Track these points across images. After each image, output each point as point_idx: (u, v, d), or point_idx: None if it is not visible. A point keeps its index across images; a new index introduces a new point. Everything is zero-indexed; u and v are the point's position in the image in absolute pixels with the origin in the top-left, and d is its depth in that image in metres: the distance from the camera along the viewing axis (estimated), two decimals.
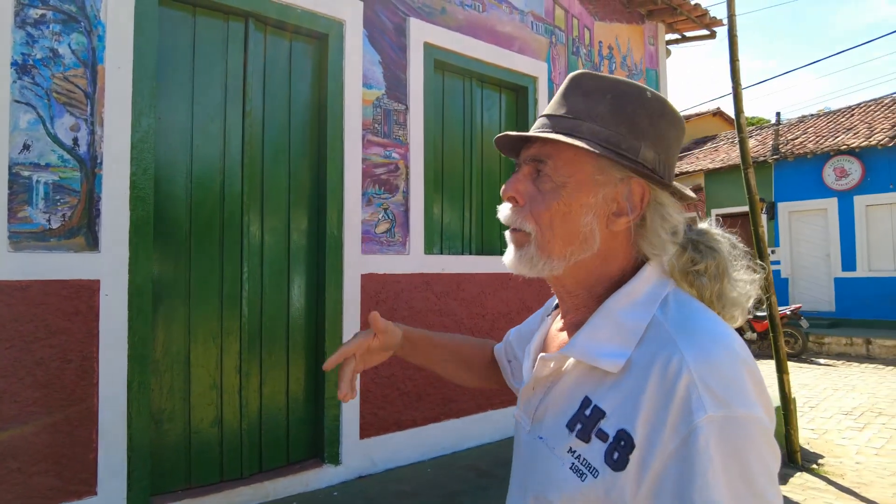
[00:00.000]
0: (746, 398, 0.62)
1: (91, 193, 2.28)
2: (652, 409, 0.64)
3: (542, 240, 0.76)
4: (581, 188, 0.74)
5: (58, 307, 2.20)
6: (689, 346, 0.65)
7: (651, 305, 0.73)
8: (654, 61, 5.07)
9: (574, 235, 0.75)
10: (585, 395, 0.72)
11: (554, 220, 0.75)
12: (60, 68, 2.24)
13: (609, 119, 0.75)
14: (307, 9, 2.86)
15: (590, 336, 0.74)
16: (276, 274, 2.82)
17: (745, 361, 0.65)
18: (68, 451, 2.21)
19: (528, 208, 0.77)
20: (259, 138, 2.78)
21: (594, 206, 0.75)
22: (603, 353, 0.71)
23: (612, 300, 0.75)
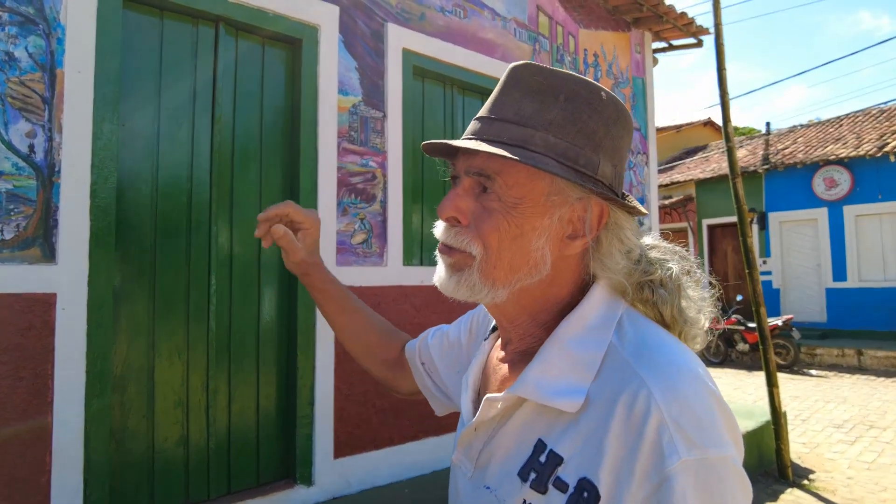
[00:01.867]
0: (720, 437, 0.56)
1: (48, 203, 2.18)
2: (618, 453, 0.56)
3: (486, 265, 0.68)
4: (534, 209, 0.66)
5: (10, 322, 2.09)
6: (655, 379, 0.58)
7: (606, 330, 0.66)
8: (640, 69, 5.03)
9: (523, 261, 0.67)
10: (538, 437, 0.64)
11: (502, 244, 0.67)
12: (16, 72, 2.15)
13: (564, 127, 0.65)
14: (280, 13, 2.78)
15: (542, 371, 0.66)
16: (246, 286, 2.72)
17: (714, 392, 0.59)
18: (19, 473, 2.09)
19: (474, 228, 0.68)
20: (229, 146, 2.69)
21: (547, 229, 0.67)
22: (558, 392, 0.63)
23: (563, 328, 0.67)
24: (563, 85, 0.67)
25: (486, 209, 0.68)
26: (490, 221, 0.67)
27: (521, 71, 0.69)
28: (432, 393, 1.01)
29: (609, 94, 0.69)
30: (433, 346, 1.00)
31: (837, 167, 11.02)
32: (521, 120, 0.66)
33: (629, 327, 0.66)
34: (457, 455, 0.77)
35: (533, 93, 0.67)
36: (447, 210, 0.70)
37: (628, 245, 0.70)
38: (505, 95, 0.68)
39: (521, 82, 0.68)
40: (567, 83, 0.67)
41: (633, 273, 0.71)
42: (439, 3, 3.47)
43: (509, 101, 0.67)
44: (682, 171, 14.33)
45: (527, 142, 0.65)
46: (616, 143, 0.69)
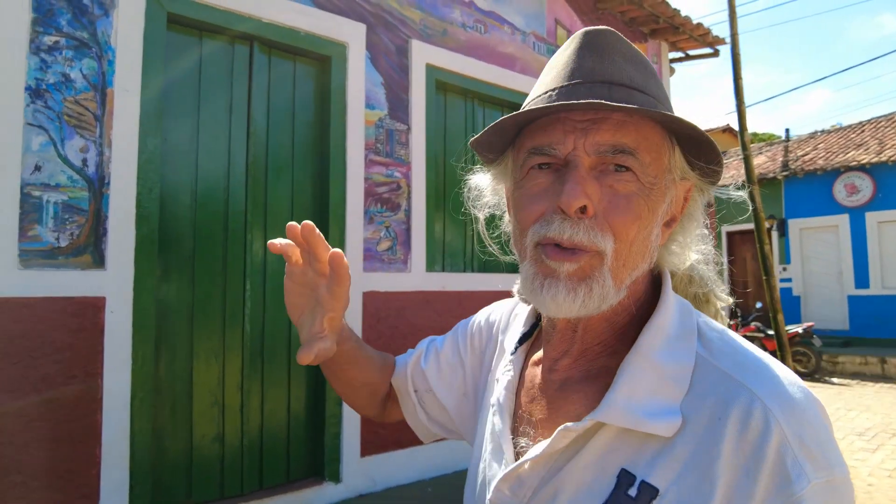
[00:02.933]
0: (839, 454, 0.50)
1: (98, 213, 2.34)
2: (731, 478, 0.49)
3: (617, 263, 0.56)
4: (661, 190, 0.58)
5: (64, 324, 2.25)
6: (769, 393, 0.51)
7: (688, 340, 0.57)
8: None
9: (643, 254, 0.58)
10: (622, 467, 0.54)
11: (639, 235, 0.57)
12: (72, 92, 2.32)
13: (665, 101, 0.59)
14: (311, 32, 2.93)
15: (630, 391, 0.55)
16: (279, 292, 2.86)
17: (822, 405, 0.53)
18: (71, 466, 2.24)
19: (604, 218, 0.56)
20: (263, 158, 2.84)
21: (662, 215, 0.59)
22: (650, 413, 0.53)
23: (645, 340, 0.57)
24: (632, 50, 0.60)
25: (621, 194, 0.56)
26: (629, 208, 0.56)
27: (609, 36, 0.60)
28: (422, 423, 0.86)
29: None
30: (429, 371, 0.85)
31: (859, 173, 10.93)
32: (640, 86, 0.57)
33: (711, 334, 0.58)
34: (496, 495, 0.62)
35: (631, 60, 0.59)
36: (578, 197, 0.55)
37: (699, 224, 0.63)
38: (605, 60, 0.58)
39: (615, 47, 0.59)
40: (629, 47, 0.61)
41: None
42: (461, 20, 3.60)
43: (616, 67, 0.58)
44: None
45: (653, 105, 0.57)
46: None
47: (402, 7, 3.31)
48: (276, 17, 2.81)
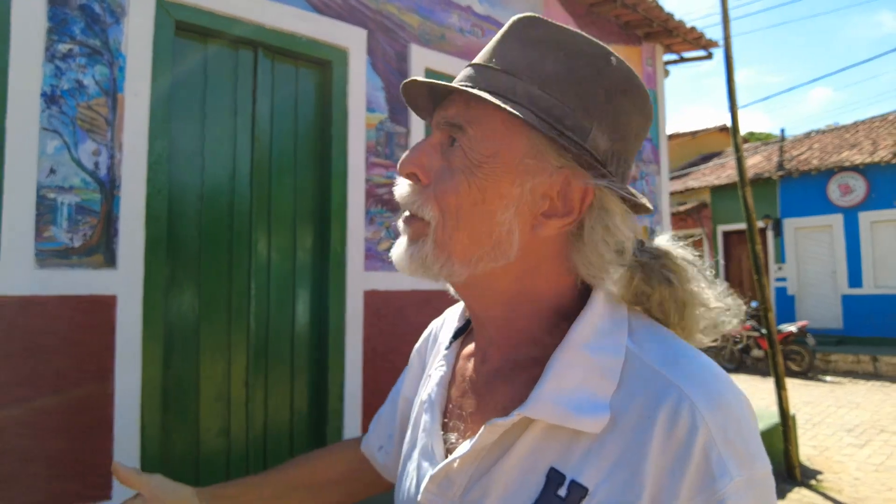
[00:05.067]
0: (762, 451, 0.52)
1: (110, 214, 2.43)
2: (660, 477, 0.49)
3: (442, 233, 0.58)
4: (505, 172, 0.56)
5: (77, 321, 2.34)
6: (697, 391, 0.51)
7: (620, 335, 0.57)
8: (652, 81, 5.21)
9: (485, 234, 0.57)
10: (551, 466, 0.54)
11: (462, 209, 0.57)
12: (85, 98, 2.40)
13: (555, 83, 0.56)
14: (312, 38, 3.02)
15: (558, 384, 0.55)
16: (283, 290, 2.96)
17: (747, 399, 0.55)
18: (86, 457, 2.33)
19: (433, 189, 0.59)
20: (267, 160, 2.93)
21: (517, 200, 0.57)
22: (577, 408, 0.53)
23: (575, 332, 0.57)
24: (568, 40, 0.58)
25: (450, 167, 0.58)
26: (450, 181, 0.57)
27: (524, 20, 0.60)
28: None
29: (623, 63, 0.60)
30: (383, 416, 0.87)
31: (853, 173, 11.05)
32: (511, 69, 0.57)
33: (641, 331, 0.59)
34: (425, 496, 0.61)
35: (532, 44, 0.58)
36: (407, 165, 0.60)
37: (618, 237, 0.59)
38: (502, 44, 0.59)
39: (522, 32, 0.59)
40: (573, 39, 0.59)
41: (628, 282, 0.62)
42: (458, 24, 3.69)
43: (504, 50, 0.59)
44: (697, 178, 14.40)
45: (507, 90, 0.56)
46: (619, 117, 0.58)
47: (402, 12, 3.40)
48: (278, 23, 2.90)
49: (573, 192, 0.58)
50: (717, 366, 0.56)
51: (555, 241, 0.60)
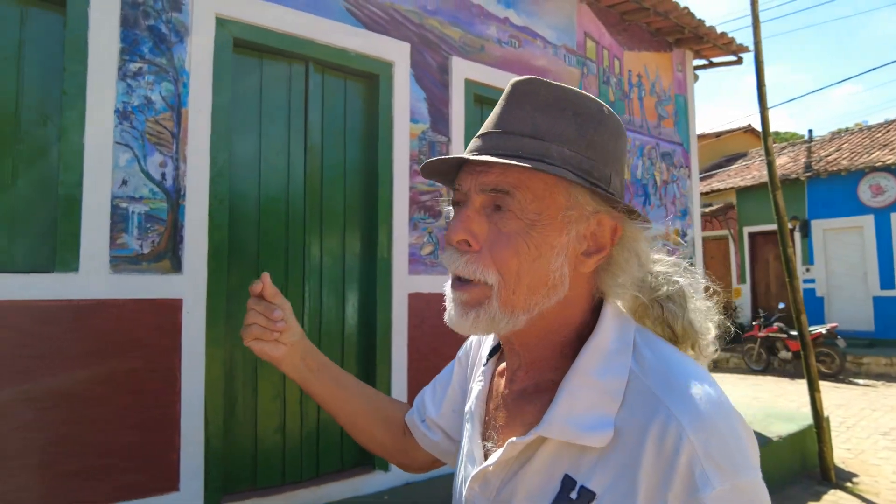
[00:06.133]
0: (747, 462, 0.58)
1: (175, 222, 2.58)
2: (651, 487, 0.57)
3: (506, 292, 0.65)
4: (553, 226, 0.64)
5: (147, 323, 2.49)
6: (684, 411, 0.58)
7: (624, 356, 0.65)
8: (682, 87, 5.26)
9: (541, 283, 0.65)
10: (565, 473, 0.63)
11: (522, 268, 0.64)
12: (152, 113, 2.56)
13: (576, 141, 0.64)
14: (360, 52, 3.15)
15: (569, 408, 0.63)
16: (333, 293, 3.09)
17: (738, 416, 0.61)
18: (155, 452, 2.48)
19: (489, 253, 0.65)
20: (318, 170, 3.06)
21: (565, 247, 0.65)
22: (587, 427, 0.62)
23: (584, 358, 0.65)
24: (571, 100, 0.66)
25: (502, 231, 0.64)
26: (508, 244, 0.64)
27: (528, 85, 0.67)
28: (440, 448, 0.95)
29: (609, 108, 0.69)
30: (427, 395, 0.97)
31: (884, 174, 10.90)
32: (538, 133, 0.64)
33: (645, 350, 0.65)
34: (470, 492, 0.73)
35: (544, 107, 0.65)
36: (457, 233, 0.66)
37: (643, 258, 0.69)
38: (516, 109, 0.66)
39: (531, 97, 0.66)
40: (574, 98, 0.67)
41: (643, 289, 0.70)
42: (496, 36, 3.80)
43: (521, 116, 0.65)
44: (722, 179, 14.31)
45: (545, 155, 0.63)
46: (620, 157, 0.69)
47: (443, 26, 3.52)
48: (329, 39, 3.03)
49: (604, 230, 0.67)
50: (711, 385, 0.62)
51: (591, 273, 0.69)
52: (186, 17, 2.66)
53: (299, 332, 0.92)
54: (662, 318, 0.71)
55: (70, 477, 2.29)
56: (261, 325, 0.87)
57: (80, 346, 2.34)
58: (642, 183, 4.80)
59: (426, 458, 0.98)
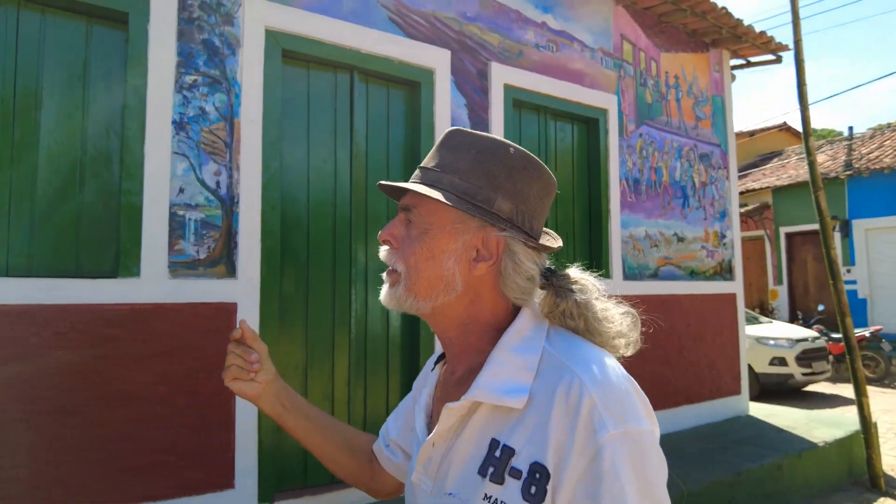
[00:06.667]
0: (638, 414, 0.69)
1: (230, 228, 2.67)
2: (559, 435, 0.68)
3: (409, 280, 0.82)
4: (442, 235, 0.81)
5: (203, 326, 2.58)
6: (585, 371, 0.71)
7: (539, 340, 0.79)
8: (719, 87, 5.20)
9: (437, 278, 0.81)
10: (492, 437, 0.75)
11: (419, 263, 0.81)
12: (207, 123, 2.66)
13: (469, 172, 0.80)
14: (403, 60, 3.21)
15: (491, 376, 0.76)
16: (378, 296, 3.15)
17: (631, 381, 0.74)
18: (211, 450, 2.57)
19: (401, 251, 0.83)
20: (363, 176, 3.13)
21: (455, 252, 0.80)
22: (506, 391, 0.74)
23: (505, 339, 0.80)
24: (477, 141, 0.83)
25: (409, 235, 0.83)
26: (410, 245, 0.82)
27: (450, 133, 0.86)
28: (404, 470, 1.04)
29: (519, 150, 0.83)
30: (390, 422, 1.09)
31: None
32: (439, 167, 0.83)
33: (556, 337, 0.80)
34: (416, 475, 0.84)
35: (453, 148, 0.83)
36: (383, 235, 0.86)
37: (524, 269, 0.81)
38: (436, 151, 0.86)
39: (448, 141, 0.85)
40: (480, 140, 0.83)
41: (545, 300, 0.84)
42: (534, 41, 3.83)
43: (436, 155, 0.85)
44: (757, 179, 14.04)
45: (437, 182, 0.81)
46: (519, 187, 0.81)
47: (483, 32, 3.56)
48: (373, 48, 3.10)
49: (491, 242, 0.81)
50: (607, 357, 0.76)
51: (487, 277, 0.82)
52: (238, 30, 2.75)
53: (273, 372, 1.04)
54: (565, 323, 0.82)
55: (134, 472, 2.39)
56: (238, 366, 1.00)
57: (142, 348, 2.44)
58: (681, 185, 4.76)
59: (392, 483, 1.08)
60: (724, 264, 5.07)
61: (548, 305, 0.83)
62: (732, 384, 4.98)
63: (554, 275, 0.85)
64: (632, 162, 4.38)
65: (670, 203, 4.66)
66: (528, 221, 0.82)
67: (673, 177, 4.70)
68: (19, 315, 2.23)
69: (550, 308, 0.83)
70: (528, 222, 0.82)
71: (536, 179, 0.83)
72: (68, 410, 2.30)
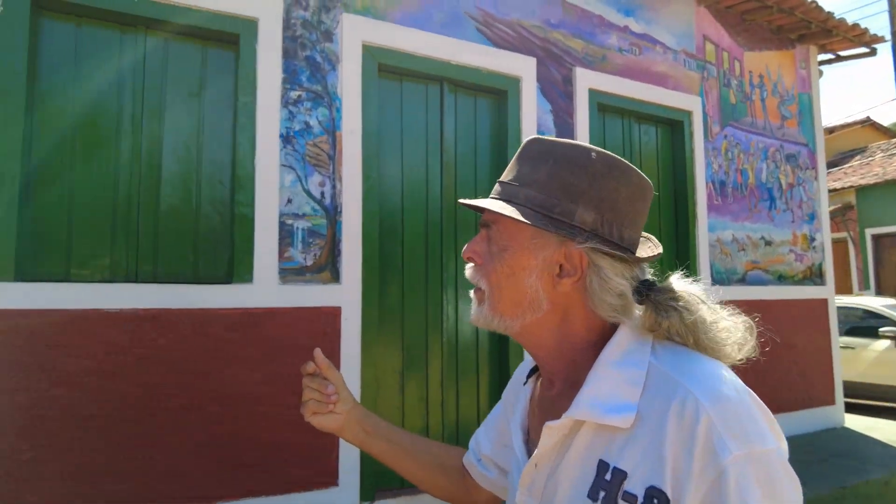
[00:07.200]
0: (763, 434, 0.63)
1: (334, 236, 2.79)
2: (676, 457, 0.63)
3: (493, 299, 0.79)
4: (521, 251, 0.77)
5: (310, 329, 2.71)
6: (699, 388, 0.65)
7: (643, 354, 0.73)
8: (805, 85, 5.01)
9: (521, 296, 0.77)
10: (599, 458, 0.70)
11: (501, 281, 0.78)
12: (311, 136, 2.79)
13: (546, 183, 0.76)
14: (490, 69, 3.27)
15: (593, 393, 0.72)
16: (468, 303, 3.20)
17: (752, 396, 0.67)
18: (317, 449, 2.68)
19: (484, 268, 0.81)
20: (453, 183, 3.21)
21: (535, 269, 0.76)
22: (611, 409, 0.69)
23: (604, 354, 0.75)
24: (554, 150, 0.78)
25: (490, 252, 0.80)
26: (491, 262, 0.79)
27: (528, 143, 0.82)
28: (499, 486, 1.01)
29: (602, 154, 0.77)
30: (480, 434, 1.05)
31: None
32: (516, 180, 0.79)
33: (662, 350, 0.74)
34: (520, 498, 0.80)
35: (530, 159, 0.79)
36: (466, 252, 0.84)
37: (611, 285, 0.75)
38: (515, 163, 0.82)
39: (526, 151, 0.81)
40: (558, 148, 0.78)
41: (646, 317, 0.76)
42: (617, 45, 3.81)
43: (515, 168, 0.81)
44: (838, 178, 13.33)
45: (513, 196, 0.77)
46: (603, 194, 0.75)
47: (567, 39, 3.58)
48: (462, 59, 3.18)
49: (574, 257, 0.76)
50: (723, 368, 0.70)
51: (574, 294, 0.77)
52: (337, 46, 2.88)
53: (352, 400, 1.04)
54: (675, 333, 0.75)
55: (247, 468, 2.53)
56: (316, 400, 1.01)
57: (253, 350, 2.58)
58: (767, 187, 4.61)
59: (488, 497, 1.05)
60: (815, 268, 4.86)
61: (649, 322, 0.75)
62: (826, 394, 4.76)
63: (653, 289, 0.77)
64: (717, 164, 4.28)
65: (757, 205, 4.51)
66: (616, 231, 0.76)
67: (759, 179, 4.55)
68: (151, 318, 2.41)
69: (652, 325, 0.75)
70: (616, 231, 0.76)
71: (624, 184, 0.77)
72: (189, 407, 2.46)
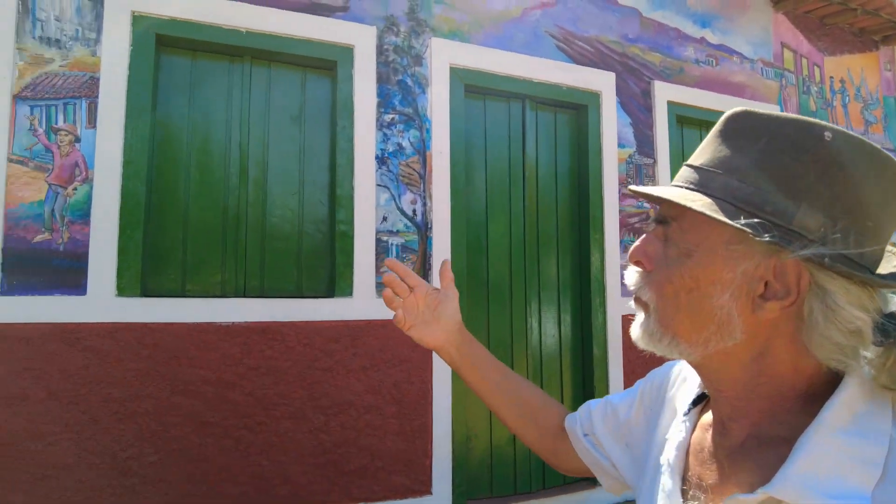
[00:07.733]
0: None
1: (425, 252, 2.91)
2: None
3: (662, 313, 0.62)
4: (711, 259, 0.58)
5: (405, 341, 2.81)
6: None
7: (882, 422, 0.53)
8: (891, 87, 4.85)
9: (706, 318, 0.58)
10: None
11: (679, 295, 0.60)
12: (404, 157, 2.92)
13: (754, 171, 0.56)
14: (571, 85, 3.34)
15: (810, 468, 0.52)
16: (551, 314, 3.26)
17: None
18: (412, 457, 2.79)
19: (654, 275, 0.63)
20: (534, 198, 3.28)
21: (730, 284, 0.57)
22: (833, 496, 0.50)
23: (828, 414, 0.53)
24: (769, 126, 0.57)
25: (666, 256, 0.61)
26: (666, 269, 0.61)
27: (732, 116, 0.61)
28: (602, 466, 0.87)
29: (843, 135, 0.55)
30: (595, 414, 0.89)
31: None
32: (711, 164, 0.59)
33: None
34: None
35: (733, 137, 0.59)
36: (635, 254, 0.65)
37: (843, 317, 0.53)
38: (708, 143, 0.62)
39: (728, 127, 0.60)
40: (774, 124, 0.57)
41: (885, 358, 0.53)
42: (694, 56, 3.81)
43: (711, 147, 0.61)
44: None
45: (705, 185, 0.58)
46: (839, 191, 0.53)
47: (644, 53, 3.61)
48: (543, 77, 3.25)
49: (788, 273, 0.55)
50: None
51: (781, 323, 0.57)
52: (426, 70, 3.01)
53: (454, 322, 0.99)
54: None
55: (352, 475, 2.65)
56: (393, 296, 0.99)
57: (354, 360, 2.71)
58: None
59: (577, 466, 0.92)
60: None
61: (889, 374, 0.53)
62: None
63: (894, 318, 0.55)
64: None
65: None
66: (854, 242, 0.53)
67: None
68: (261, 331, 2.57)
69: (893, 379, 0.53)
70: (854, 243, 0.53)
71: (872, 177, 0.54)
72: (297, 416, 2.61)
